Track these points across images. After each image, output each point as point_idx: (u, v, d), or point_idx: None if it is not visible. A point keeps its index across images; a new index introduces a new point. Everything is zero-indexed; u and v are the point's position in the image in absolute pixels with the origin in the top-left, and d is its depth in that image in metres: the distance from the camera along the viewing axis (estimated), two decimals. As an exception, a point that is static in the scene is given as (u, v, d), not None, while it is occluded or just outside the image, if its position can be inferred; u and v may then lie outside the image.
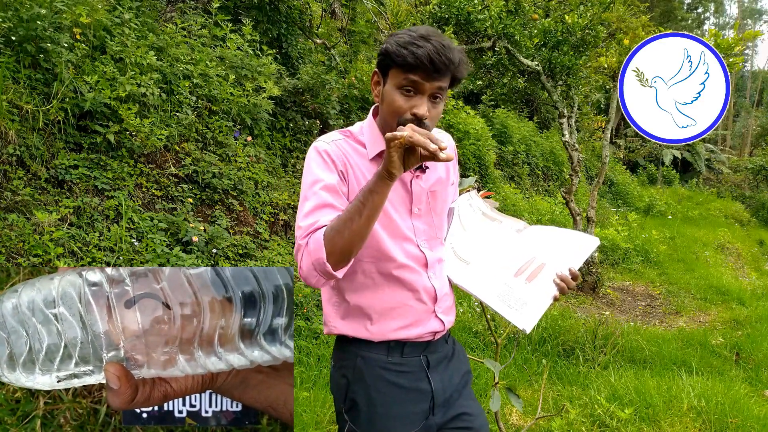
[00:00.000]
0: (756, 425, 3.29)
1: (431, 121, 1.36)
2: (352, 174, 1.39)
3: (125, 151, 4.09)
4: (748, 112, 34.90)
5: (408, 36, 1.31)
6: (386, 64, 1.35)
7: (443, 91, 1.34)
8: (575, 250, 1.53)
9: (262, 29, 6.40)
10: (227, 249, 4.25)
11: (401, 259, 1.43)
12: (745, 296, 7.03)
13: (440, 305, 1.49)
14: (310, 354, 3.77)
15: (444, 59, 1.28)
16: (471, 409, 1.54)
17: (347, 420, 1.46)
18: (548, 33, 6.37)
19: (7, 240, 3.12)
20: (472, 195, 1.71)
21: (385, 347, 1.45)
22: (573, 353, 4.38)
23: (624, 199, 15.29)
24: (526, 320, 1.39)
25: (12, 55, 3.60)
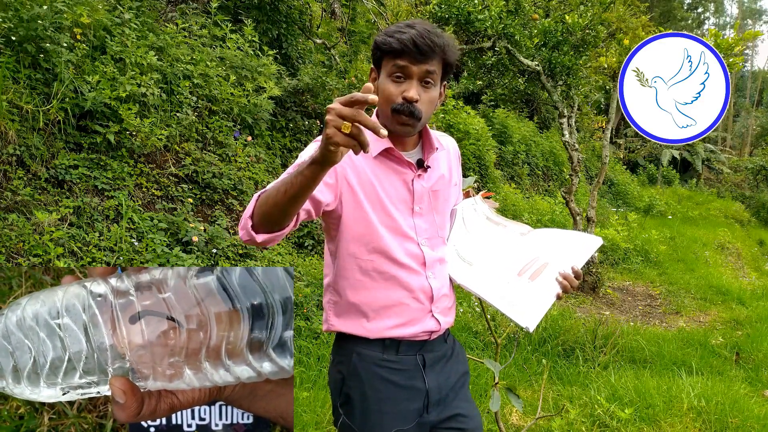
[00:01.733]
0: (756, 425, 3.29)
1: (424, 105, 1.37)
2: (349, 165, 1.39)
3: (125, 151, 4.09)
4: (748, 112, 34.90)
5: (395, 27, 1.36)
6: (378, 56, 1.39)
7: (433, 75, 1.36)
8: (578, 249, 1.53)
9: (262, 29, 6.41)
10: (227, 249, 4.25)
11: (400, 257, 1.43)
12: (745, 296, 7.03)
13: (437, 305, 1.49)
14: (310, 354, 3.77)
15: (428, 41, 1.31)
16: (466, 410, 1.54)
17: (341, 414, 1.48)
18: (548, 33, 6.37)
19: (7, 240, 3.12)
20: (476, 200, 1.72)
21: (381, 345, 1.45)
22: (573, 353, 4.38)
23: (624, 199, 15.28)
24: (529, 319, 1.39)
25: (12, 55, 3.60)
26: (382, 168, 1.44)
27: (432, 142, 1.50)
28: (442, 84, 1.45)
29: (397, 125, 1.39)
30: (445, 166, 1.56)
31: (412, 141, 1.50)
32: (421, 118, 1.38)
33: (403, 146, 1.48)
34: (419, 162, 1.48)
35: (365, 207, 1.42)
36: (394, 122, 1.39)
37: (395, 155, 1.44)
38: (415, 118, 1.37)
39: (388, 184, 1.44)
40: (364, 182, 1.42)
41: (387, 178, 1.44)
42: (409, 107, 1.35)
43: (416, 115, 1.36)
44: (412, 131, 1.41)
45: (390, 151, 1.44)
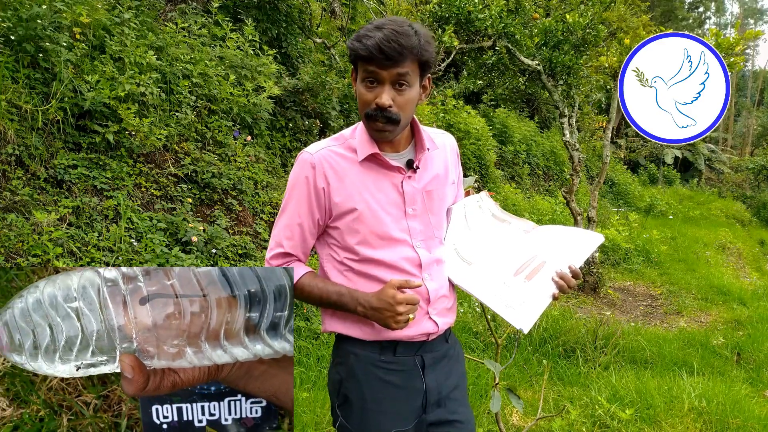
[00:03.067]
0: (757, 425, 3.28)
1: (399, 108, 1.35)
2: (334, 180, 1.42)
3: (124, 151, 4.08)
4: (749, 112, 34.87)
5: (364, 29, 1.33)
6: (352, 59, 1.37)
7: (406, 76, 1.33)
8: (577, 248, 1.51)
9: (262, 29, 6.40)
10: (227, 249, 4.24)
11: (394, 262, 1.42)
12: (746, 296, 7.01)
13: (435, 307, 1.47)
14: (309, 354, 3.77)
15: (395, 46, 1.27)
16: (463, 415, 1.53)
17: (339, 415, 1.48)
18: (549, 32, 6.36)
19: (6, 240, 3.11)
20: (482, 196, 1.70)
21: (378, 346, 1.44)
22: (574, 354, 4.37)
23: (625, 199, 15.27)
24: (523, 320, 1.37)
25: (11, 54, 3.59)
26: (370, 174, 1.43)
27: (423, 143, 1.47)
28: (425, 77, 1.42)
29: (374, 131, 1.38)
30: (441, 165, 1.54)
31: (404, 140, 1.48)
32: (400, 120, 1.36)
33: (395, 147, 1.47)
34: (410, 162, 1.46)
35: (355, 219, 1.41)
36: (370, 129, 1.39)
37: (381, 160, 1.43)
38: (392, 123, 1.35)
39: (376, 190, 1.43)
40: (352, 194, 1.41)
41: (375, 183, 1.43)
42: (382, 113, 1.33)
43: (393, 120, 1.35)
44: (389, 136, 1.39)
45: (376, 156, 1.42)
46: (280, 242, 1.46)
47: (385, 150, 1.44)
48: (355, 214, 1.41)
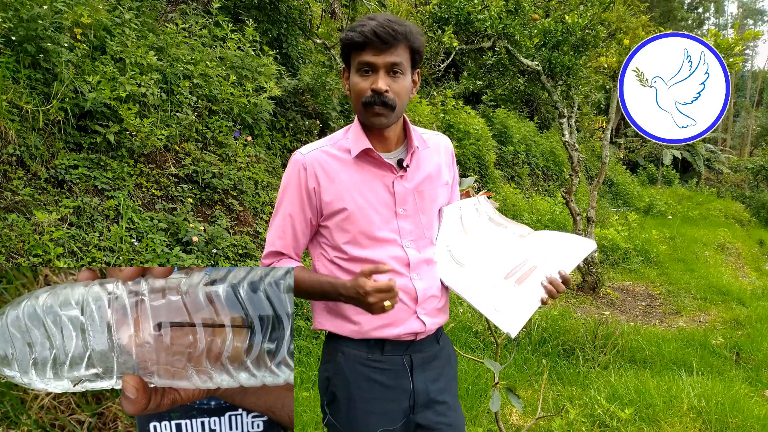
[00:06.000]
0: (756, 425, 3.29)
1: (396, 94, 1.37)
2: (325, 180, 1.44)
3: (125, 151, 4.09)
4: (748, 112, 34.89)
5: (357, 22, 1.38)
6: (345, 53, 1.40)
7: (400, 64, 1.37)
8: (569, 253, 1.50)
9: (262, 29, 6.40)
10: (227, 249, 4.25)
11: (379, 261, 1.42)
12: (745, 296, 7.03)
13: (424, 306, 1.47)
14: (310, 354, 3.77)
15: (389, 30, 1.32)
16: (451, 419, 1.53)
17: (328, 413, 1.48)
18: (548, 33, 6.37)
19: (7, 240, 3.12)
20: (480, 200, 1.70)
21: (365, 345, 1.45)
22: (573, 353, 4.38)
23: (624, 199, 15.29)
24: (511, 324, 1.37)
25: (12, 55, 3.60)
26: (362, 173, 1.44)
27: (412, 142, 1.48)
28: (415, 72, 1.45)
29: (371, 117, 1.39)
30: (433, 165, 1.54)
31: (395, 140, 1.48)
32: (396, 107, 1.38)
33: (386, 146, 1.48)
34: (401, 162, 1.47)
35: (344, 218, 1.43)
36: (368, 115, 1.40)
37: (374, 156, 1.44)
38: (388, 107, 1.37)
39: (367, 190, 1.44)
40: (342, 194, 1.42)
41: (366, 184, 1.44)
42: (379, 98, 1.36)
43: (389, 105, 1.37)
44: (386, 122, 1.40)
45: (369, 152, 1.43)
46: (273, 241, 1.49)
47: (377, 149, 1.45)
48: (344, 213, 1.42)
